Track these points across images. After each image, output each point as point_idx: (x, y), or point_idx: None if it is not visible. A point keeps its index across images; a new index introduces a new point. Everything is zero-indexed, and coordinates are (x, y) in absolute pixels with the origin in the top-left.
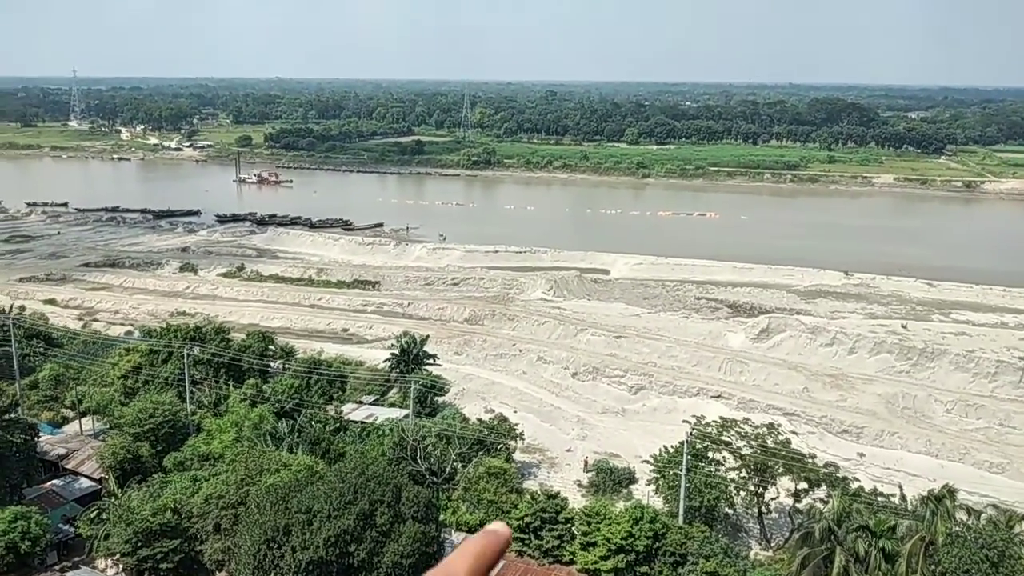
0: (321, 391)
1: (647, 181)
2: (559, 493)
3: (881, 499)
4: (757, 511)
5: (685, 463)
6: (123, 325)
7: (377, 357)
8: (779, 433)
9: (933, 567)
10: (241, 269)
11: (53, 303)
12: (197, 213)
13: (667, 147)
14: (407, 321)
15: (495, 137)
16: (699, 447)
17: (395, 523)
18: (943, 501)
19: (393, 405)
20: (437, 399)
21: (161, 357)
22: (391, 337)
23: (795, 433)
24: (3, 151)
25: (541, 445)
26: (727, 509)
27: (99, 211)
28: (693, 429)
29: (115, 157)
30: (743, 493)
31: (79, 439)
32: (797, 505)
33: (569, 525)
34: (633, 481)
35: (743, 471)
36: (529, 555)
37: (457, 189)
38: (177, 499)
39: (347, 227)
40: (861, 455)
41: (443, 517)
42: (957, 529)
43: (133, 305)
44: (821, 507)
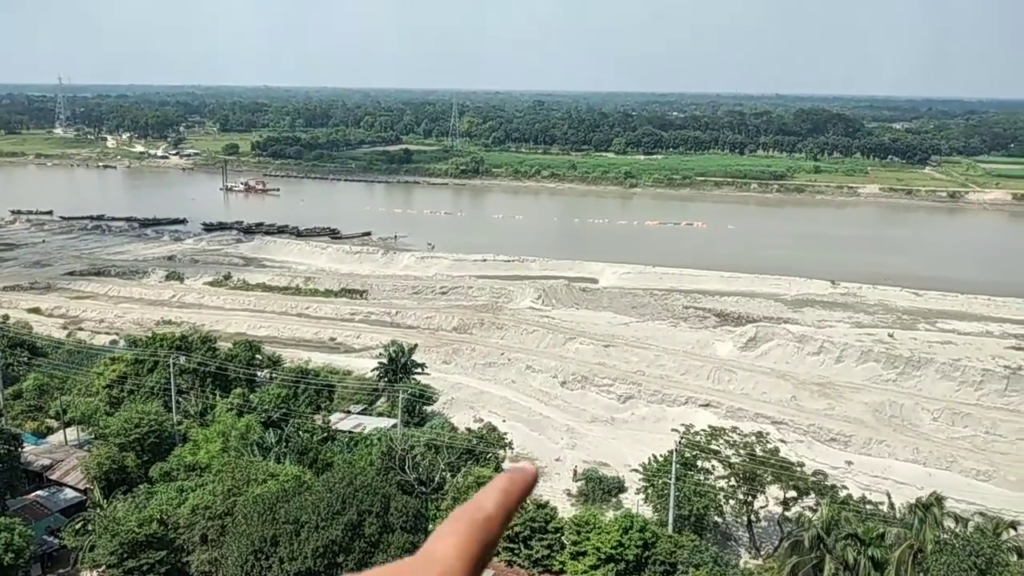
0: (308, 400)
1: (635, 191)
2: (548, 502)
3: (869, 507)
4: (746, 519)
5: (674, 472)
6: (108, 334)
7: (365, 366)
8: (768, 441)
9: (922, 575)
10: (228, 278)
11: (37, 312)
12: (183, 221)
13: (654, 157)
14: (395, 330)
15: (483, 146)
16: (688, 456)
17: (384, 533)
18: (931, 509)
19: (381, 414)
20: (426, 408)
21: (147, 366)
22: (379, 346)
23: (783, 441)
24: None
25: (530, 454)
26: (716, 518)
27: (84, 219)
28: (682, 438)
29: (101, 165)
30: (732, 501)
31: (64, 449)
32: (786, 513)
33: (559, 534)
34: (622, 490)
35: (732, 479)
36: (519, 565)
37: (445, 198)
38: (163, 510)
39: (335, 236)
40: (849, 463)
41: (432, 527)
42: (945, 537)
43: (118, 314)
44: (810, 515)
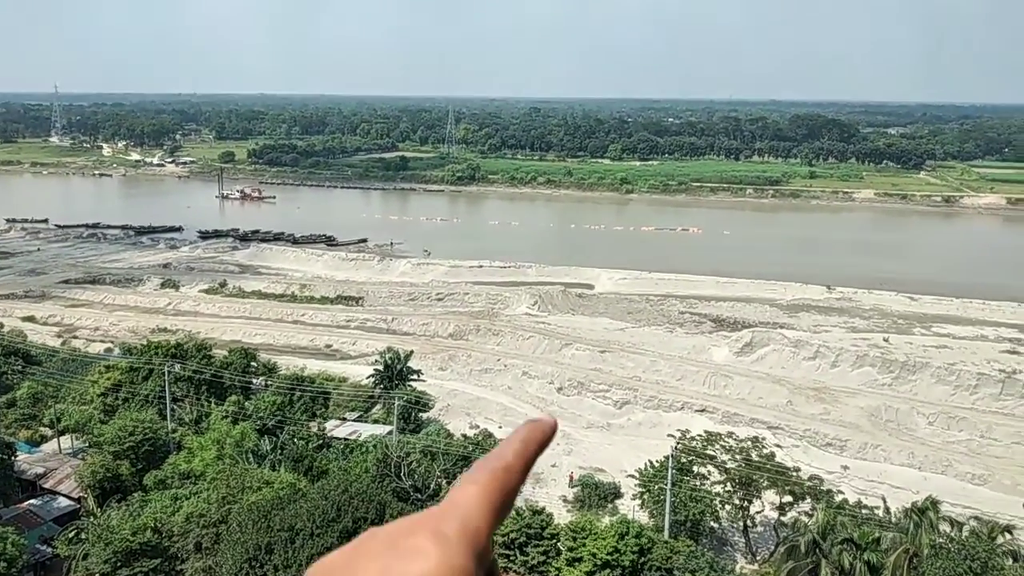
0: (304, 408)
1: (630, 197)
2: (544, 508)
3: (865, 511)
4: (742, 525)
5: (670, 477)
6: (103, 342)
7: (361, 373)
8: (763, 446)
9: None
10: (223, 285)
11: (32, 320)
12: (179, 229)
13: (650, 163)
14: (391, 337)
15: (479, 153)
16: (684, 461)
17: None
18: (926, 513)
19: (377, 421)
20: (421, 415)
21: (142, 374)
22: (375, 353)
23: (779, 446)
24: None
25: None
26: (712, 523)
27: (80, 227)
28: (678, 443)
29: (96, 173)
30: (728, 507)
31: (57, 458)
32: (782, 518)
33: (555, 541)
34: (618, 496)
35: (728, 485)
36: (515, 571)
37: (441, 205)
38: (158, 518)
39: (330, 243)
40: (845, 468)
41: None
42: (941, 541)
43: (114, 322)
44: (806, 520)
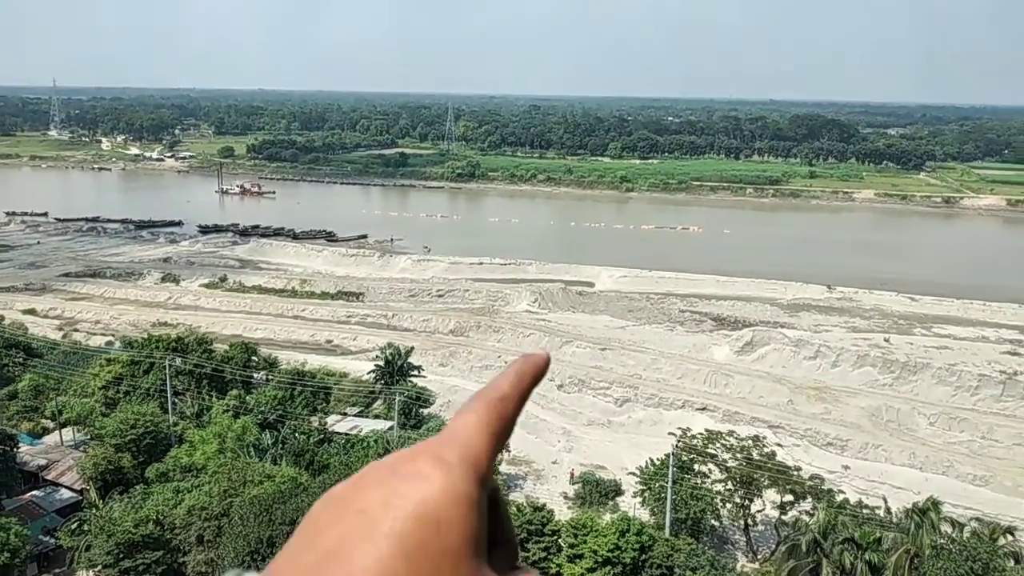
0: (305, 402)
1: (630, 195)
2: (545, 505)
3: (866, 511)
4: (743, 523)
5: (671, 475)
6: (104, 335)
7: (361, 368)
8: (764, 445)
9: None
10: (223, 280)
11: (33, 313)
12: (179, 224)
13: (650, 161)
14: (392, 332)
15: (479, 150)
16: (685, 459)
17: None
18: (927, 514)
19: (378, 417)
20: (422, 411)
21: (143, 368)
22: (375, 348)
23: (780, 445)
24: None
25: (527, 457)
26: (713, 521)
27: (79, 221)
28: (679, 441)
29: (96, 167)
30: (729, 505)
31: (59, 450)
32: (783, 517)
33: (555, 537)
34: (619, 493)
35: (729, 483)
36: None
37: (441, 201)
38: (159, 510)
39: (331, 238)
40: (846, 467)
41: None
42: (942, 542)
43: (114, 315)
44: (807, 519)
